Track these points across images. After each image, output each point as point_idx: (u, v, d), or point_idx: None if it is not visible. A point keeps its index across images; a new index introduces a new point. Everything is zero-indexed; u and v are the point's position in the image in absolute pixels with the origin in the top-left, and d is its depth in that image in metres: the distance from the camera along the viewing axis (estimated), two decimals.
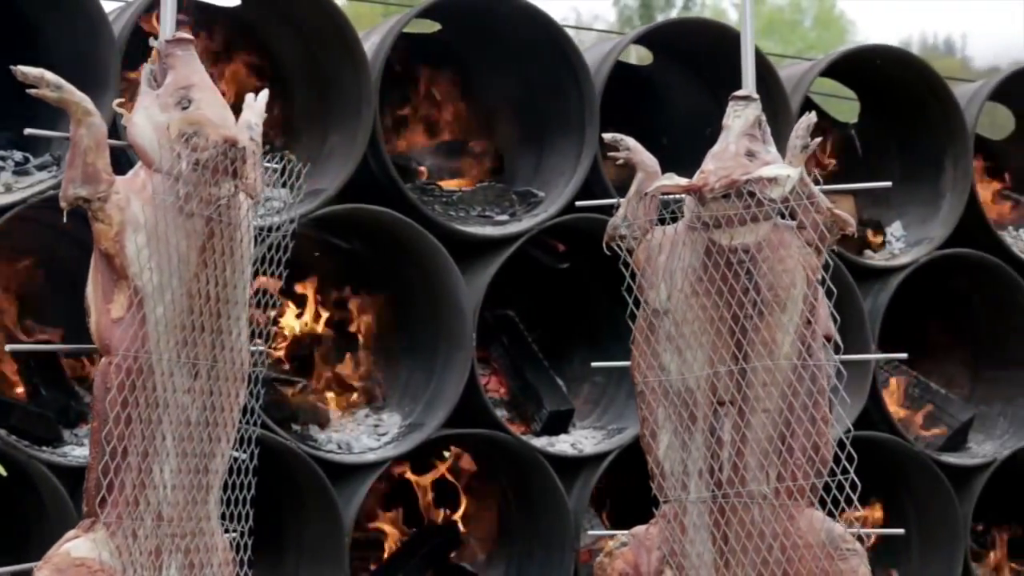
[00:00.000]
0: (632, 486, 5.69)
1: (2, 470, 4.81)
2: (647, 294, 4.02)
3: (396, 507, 6.60)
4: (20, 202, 5.35)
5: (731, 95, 4.16)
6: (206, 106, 3.61)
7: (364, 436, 6.15)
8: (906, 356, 4.32)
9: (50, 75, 3.55)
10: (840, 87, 7.66)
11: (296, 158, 5.88)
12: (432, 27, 6.82)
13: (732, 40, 4.26)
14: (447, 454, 6.72)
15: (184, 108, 3.61)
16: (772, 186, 3.80)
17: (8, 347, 4.07)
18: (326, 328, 6.51)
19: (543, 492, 6.24)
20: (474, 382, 6.09)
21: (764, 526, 3.80)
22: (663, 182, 4.00)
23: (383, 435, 6.18)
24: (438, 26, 6.80)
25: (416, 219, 6.05)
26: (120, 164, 3.77)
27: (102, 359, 3.51)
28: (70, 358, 5.83)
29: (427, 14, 6.55)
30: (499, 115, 6.85)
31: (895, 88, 7.15)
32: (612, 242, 4.09)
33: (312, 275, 6.47)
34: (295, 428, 6.03)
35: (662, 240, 4.01)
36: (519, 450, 6.19)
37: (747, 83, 4.22)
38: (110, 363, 3.48)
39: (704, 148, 4.12)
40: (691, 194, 3.95)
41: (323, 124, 6.23)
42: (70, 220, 3.66)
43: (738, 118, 4.07)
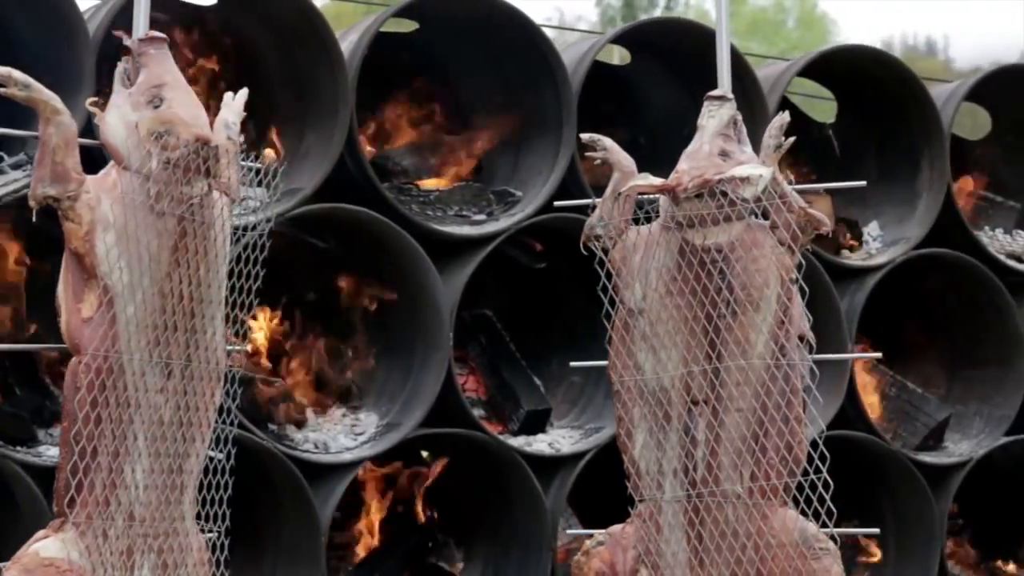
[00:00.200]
0: (612, 485, 5.70)
1: None
2: (623, 294, 4.02)
3: (373, 507, 6.59)
4: None
5: (706, 95, 4.16)
6: (178, 105, 3.59)
7: (341, 436, 6.14)
8: (880, 355, 4.33)
9: (17, 74, 3.53)
10: (821, 88, 7.68)
11: (272, 158, 5.92)
12: (410, 26, 6.82)
13: (710, 40, 4.26)
14: (425, 454, 6.72)
15: (156, 107, 3.60)
16: (744, 186, 3.80)
17: None
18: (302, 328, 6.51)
19: (520, 492, 6.25)
20: (451, 382, 6.09)
21: (738, 525, 3.80)
22: (637, 182, 4.00)
23: (360, 435, 6.17)
24: (416, 25, 6.79)
25: (393, 219, 6.05)
26: (97, 163, 3.76)
27: (72, 359, 3.49)
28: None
29: (405, 13, 6.55)
30: (477, 115, 6.85)
31: (872, 88, 7.17)
32: (589, 242, 4.10)
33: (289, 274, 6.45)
34: (272, 428, 6.02)
35: (636, 240, 4.02)
36: (496, 450, 6.19)
37: (722, 83, 4.23)
38: (80, 362, 3.46)
39: (682, 148, 4.13)
40: (665, 194, 3.95)
41: (300, 123, 6.22)
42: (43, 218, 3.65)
43: (712, 118, 4.08)
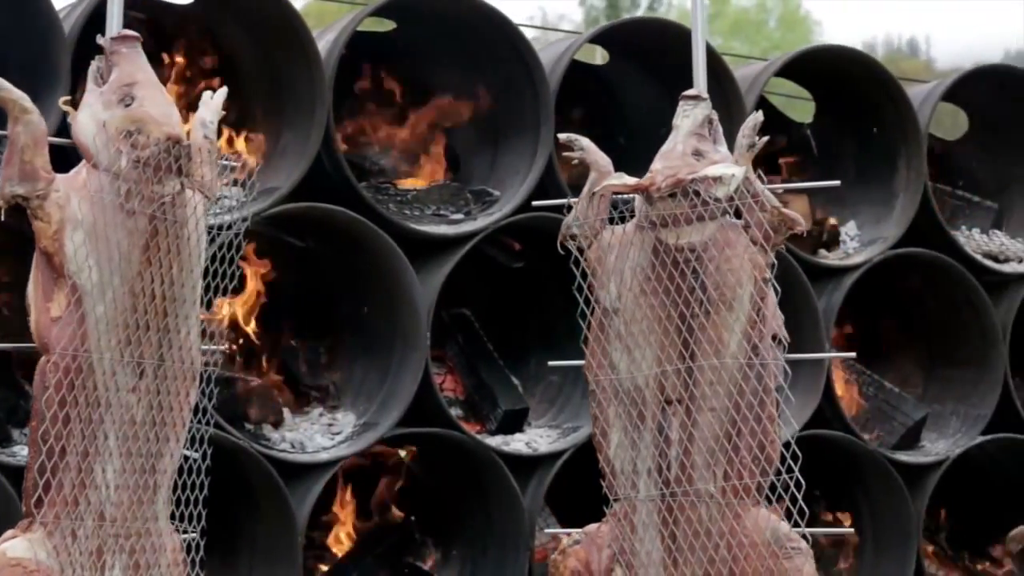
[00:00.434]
0: (590, 484, 5.70)
1: None
2: (598, 293, 4.03)
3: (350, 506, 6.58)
4: None
5: (681, 95, 4.17)
6: (149, 103, 3.58)
7: (318, 435, 6.13)
8: (855, 355, 4.34)
9: None
10: (802, 88, 7.69)
11: (248, 157, 5.90)
12: (387, 26, 6.81)
13: (688, 39, 4.27)
14: (403, 453, 6.72)
15: (127, 105, 3.58)
16: (717, 185, 3.81)
17: None
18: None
19: (498, 491, 6.25)
20: (428, 381, 6.09)
21: (711, 525, 3.81)
22: (611, 181, 4.01)
23: (337, 434, 6.17)
24: (393, 24, 6.79)
25: (371, 218, 6.04)
26: (71, 163, 3.75)
27: (42, 358, 3.48)
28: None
29: (382, 12, 6.54)
30: (455, 114, 6.84)
31: (850, 88, 7.19)
32: (565, 241, 4.10)
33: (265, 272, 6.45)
34: (248, 427, 6.01)
35: (611, 239, 4.02)
36: (474, 449, 6.19)
37: (698, 83, 4.23)
38: (48, 361, 3.45)
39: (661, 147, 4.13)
40: (639, 193, 3.96)
41: (277, 122, 6.21)
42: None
43: (687, 118, 4.09)
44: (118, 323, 3.53)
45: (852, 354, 4.31)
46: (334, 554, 6.48)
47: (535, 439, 6.45)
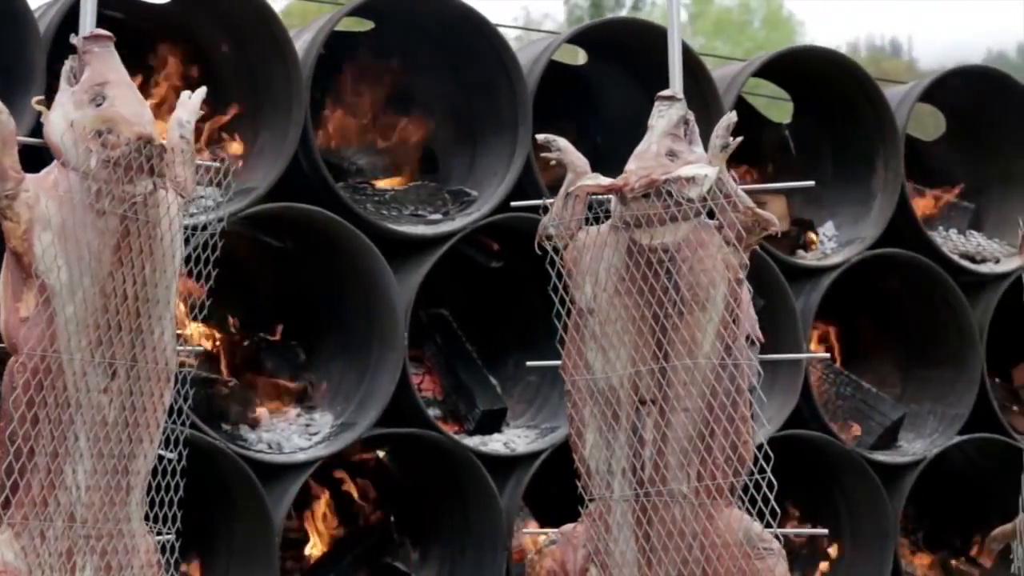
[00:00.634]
0: (569, 484, 5.71)
1: None
2: (574, 294, 4.03)
3: (328, 507, 6.57)
4: None
5: (656, 95, 4.17)
6: (120, 103, 3.56)
7: (295, 436, 6.12)
8: (829, 356, 4.34)
9: None
10: (780, 89, 7.71)
11: (226, 156, 5.89)
12: (365, 25, 6.80)
13: (666, 40, 4.27)
14: (381, 454, 6.71)
15: (98, 105, 3.57)
16: (690, 186, 3.81)
17: None
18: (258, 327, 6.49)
19: (476, 491, 6.24)
20: (406, 381, 6.09)
21: (684, 525, 3.81)
22: (585, 182, 4.01)
23: (314, 435, 6.16)
24: (371, 24, 6.78)
25: (348, 218, 6.04)
26: (46, 163, 3.73)
27: (10, 358, 3.46)
28: None
29: (360, 12, 6.53)
30: (433, 114, 6.84)
31: (828, 89, 7.21)
32: (543, 242, 4.10)
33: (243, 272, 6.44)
34: (225, 428, 5.99)
35: (586, 240, 4.02)
36: (451, 449, 6.18)
37: (674, 83, 4.23)
38: (16, 362, 3.43)
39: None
40: (613, 194, 3.96)
41: (254, 122, 6.20)
42: None
43: (661, 118, 4.09)
44: (89, 323, 3.51)
45: (826, 355, 4.30)
46: (311, 555, 6.47)
47: (513, 439, 6.45)
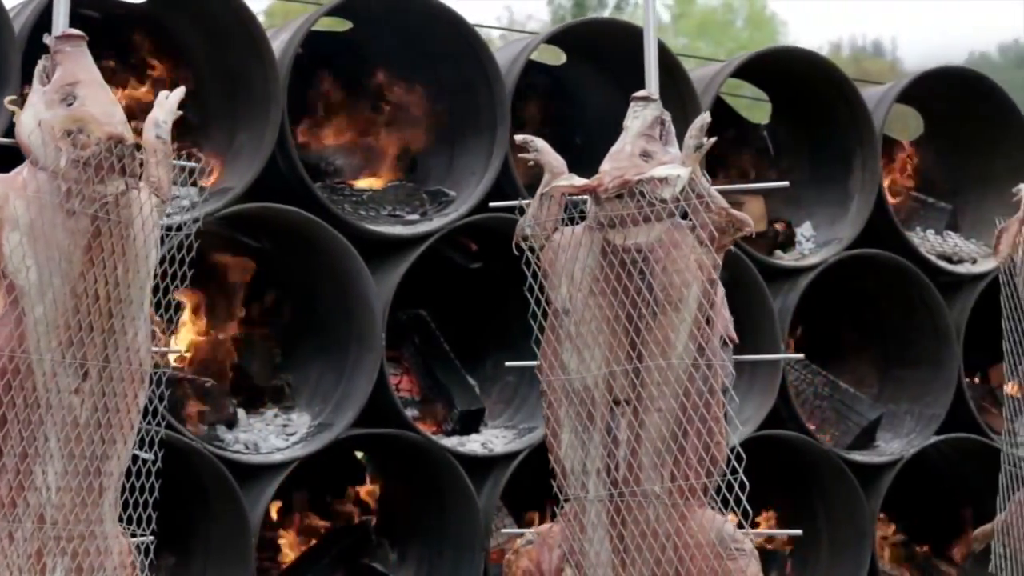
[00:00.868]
0: (548, 485, 5.71)
1: None
2: (550, 294, 4.03)
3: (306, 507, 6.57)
4: None
5: (632, 96, 4.17)
6: (91, 102, 3.54)
7: (272, 436, 6.11)
8: (802, 356, 4.34)
9: None
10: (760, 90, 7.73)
11: (203, 156, 5.88)
12: (343, 25, 6.80)
13: (643, 40, 4.27)
14: (360, 455, 6.71)
15: (69, 104, 3.55)
16: (663, 186, 3.81)
17: None
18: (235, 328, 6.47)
19: (453, 492, 6.24)
20: (384, 382, 6.08)
21: (658, 525, 3.81)
22: (560, 183, 4.01)
23: (292, 435, 6.15)
24: (349, 24, 6.77)
25: (326, 218, 6.03)
26: (19, 163, 3.71)
27: None
28: None
29: (338, 12, 6.52)
30: (411, 114, 6.83)
31: (806, 90, 7.22)
32: (520, 243, 4.10)
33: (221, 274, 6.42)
34: (202, 428, 5.98)
35: (561, 240, 4.02)
36: (429, 450, 6.18)
37: (649, 84, 4.23)
38: None
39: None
40: (587, 194, 3.96)
41: (231, 122, 6.19)
42: None
43: (636, 119, 4.09)
44: (59, 324, 3.49)
45: (799, 355, 4.31)
46: (289, 555, 6.46)
47: (491, 440, 6.45)
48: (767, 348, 6.51)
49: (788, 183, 4.49)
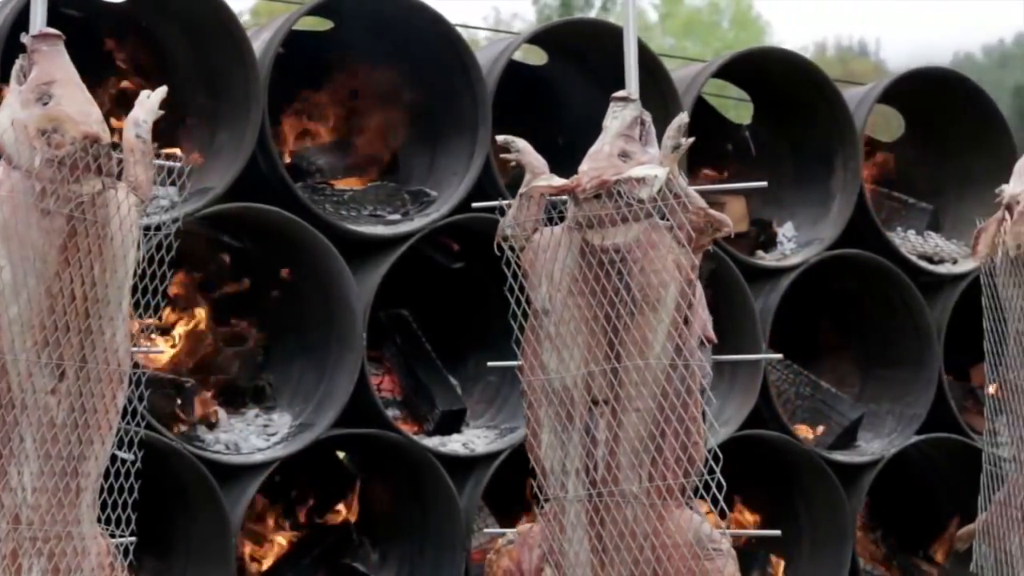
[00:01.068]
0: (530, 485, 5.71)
1: None
2: (530, 294, 4.03)
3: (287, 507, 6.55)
4: None
5: (611, 96, 4.17)
6: (67, 102, 3.54)
7: (253, 436, 6.10)
8: (781, 356, 4.34)
9: None
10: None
11: (184, 156, 5.86)
12: (325, 25, 6.79)
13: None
14: (341, 455, 6.70)
15: (44, 104, 3.54)
16: (640, 186, 3.81)
17: None
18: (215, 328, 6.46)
19: (434, 492, 6.24)
20: (365, 382, 6.07)
21: (636, 525, 3.81)
22: (538, 183, 4.01)
23: (272, 435, 6.13)
24: (331, 24, 6.76)
25: (307, 218, 6.02)
26: None
27: None
28: None
29: (319, 12, 6.52)
30: (392, 114, 6.83)
31: (787, 90, 7.23)
32: (502, 243, 4.10)
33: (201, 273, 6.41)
34: (182, 428, 5.96)
35: (541, 241, 4.02)
36: (410, 450, 6.17)
37: (629, 84, 4.23)
38: None
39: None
40: (565, 195, 3.96)
41: (212, 122, 6.17)
42: None
43: (615, 119, 4.09)
44: (34, 324, 3.48)
45: (778, 355, 4.31)
46: (270, 555, 6.45)
47: (472, 440, 6.45)
48: (748, 348, 6.52)
49: (766, 183, 4.49)
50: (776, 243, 7.14)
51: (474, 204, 4.96)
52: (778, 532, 4.40)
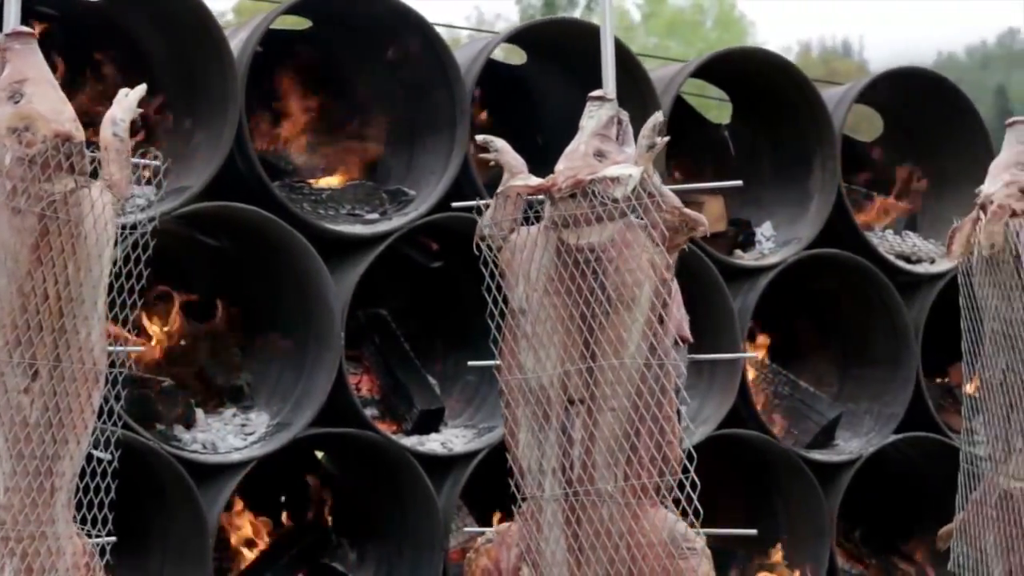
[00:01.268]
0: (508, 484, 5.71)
1: None
2: (508, 294, 4.03)
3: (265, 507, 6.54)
4: None
5: (588, 95, 4.17)
6: (39, 100, 3.52)
7: (230, 436, 6.09)
8: (758, 356, 4.35)
9: None
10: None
11: (161, 155, 5.85)
12: (303, 24, 6.78)
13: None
14: (320, 455, 6.69)
15: (16, 102, 3.52)
16: (615, 186, 3.82)
17: None
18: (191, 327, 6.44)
19: (412, 491, 6.23)
20: (343, 381, 6.07)
21: (611, 525, 3.82)
22: (515, 182, 4.01)
23: (250, 434, 6.12)
24: (309, 23, 6.75)
25: (284, 217, 6.01)
26: None
27: None
28: None
29: (297, 11, 6.51)
30: (370, 113, 6.82)
31: (766, 90, 7.25)
32: (480, 243, 4.10)
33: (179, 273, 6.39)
34: (159, 428, 5.95)
35: (518, 240, 4.02)
36: (388, 449, 6.17)
37: (606, 83, 4.24)
38: None
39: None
40: (541, 194, 3.96)
41: (189, 120, 6.16)
42: None
43: (591, 119, 4.09)
44: (6, 323, 3.46)
45: (754, 354, 4.32)
46: (247, 555, 6.44)
47: (451, 439, 6.44)
48: (727, 348, 6.53)
49: (742, 182, 4.49)
50: (754, 242, 7.15)
51: (452, 204, 4.96)
52: (755, 531, 4.40)
